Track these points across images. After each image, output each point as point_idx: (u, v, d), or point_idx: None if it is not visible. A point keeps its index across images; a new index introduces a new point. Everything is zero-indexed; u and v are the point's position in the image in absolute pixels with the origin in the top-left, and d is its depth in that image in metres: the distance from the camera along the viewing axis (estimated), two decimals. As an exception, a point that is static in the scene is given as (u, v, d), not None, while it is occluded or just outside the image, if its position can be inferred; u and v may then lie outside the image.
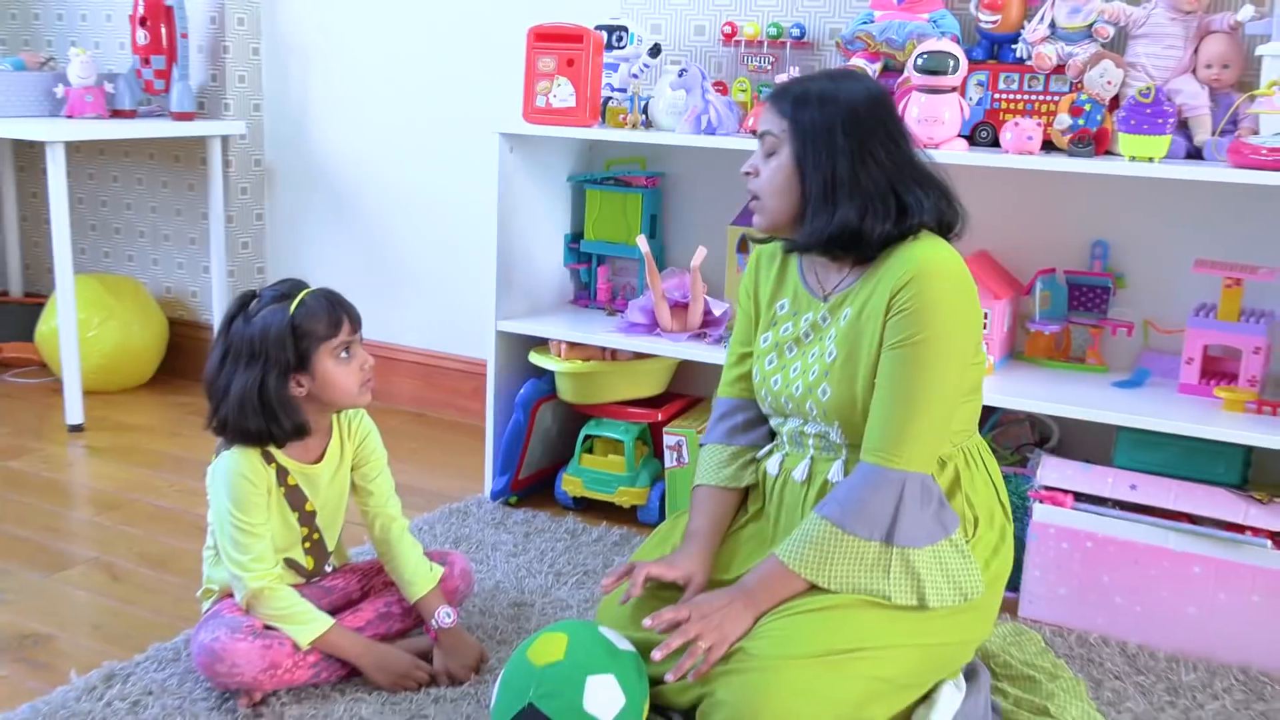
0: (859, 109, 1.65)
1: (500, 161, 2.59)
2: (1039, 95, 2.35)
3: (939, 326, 1.61)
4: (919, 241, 1.66)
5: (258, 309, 1.83)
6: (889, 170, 1.65)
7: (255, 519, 1.83)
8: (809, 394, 1.73)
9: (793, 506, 1.77)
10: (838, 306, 1.72)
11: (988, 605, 1.73)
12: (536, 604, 2.19)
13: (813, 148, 1.65)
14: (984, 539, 1.72)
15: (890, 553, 1.62)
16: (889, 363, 1.63)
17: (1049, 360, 2.46)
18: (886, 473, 1.62)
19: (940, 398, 1.62)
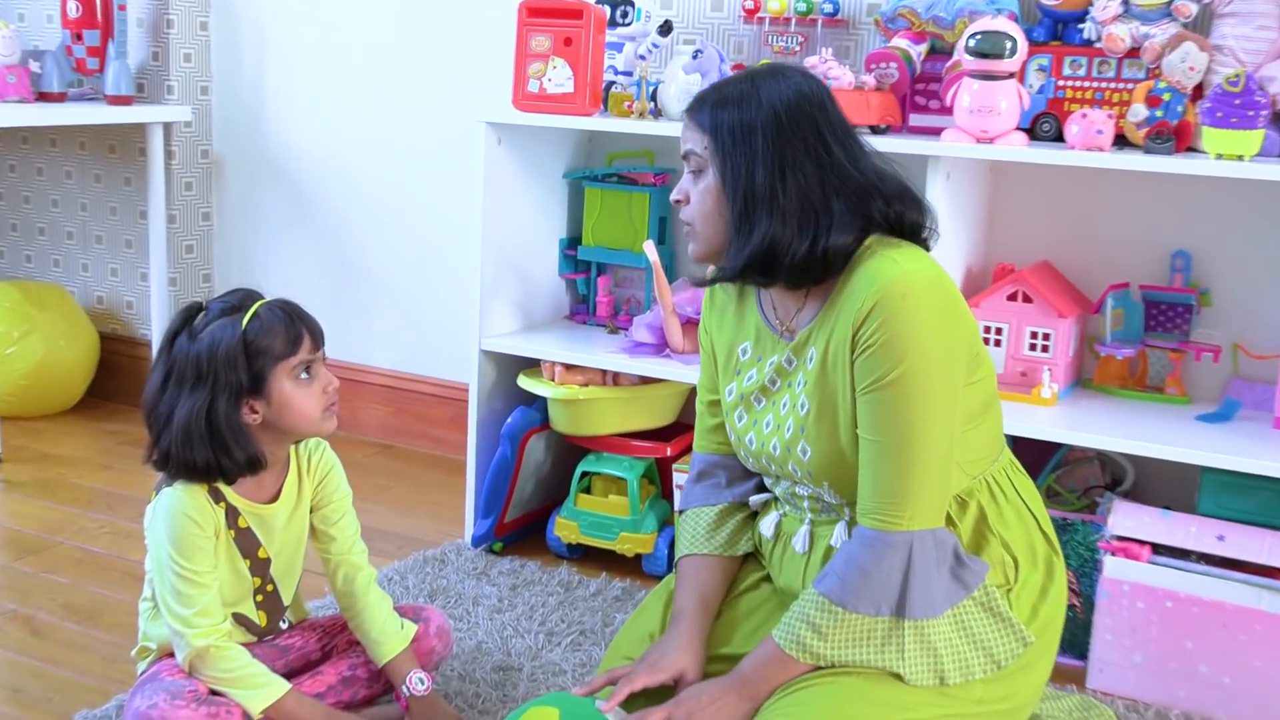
0: (782, 112, 1.64)
1: (486, 155, 2.60)
2: (1110, 83, 2.36)
3: (916, 356, 1.58)
4: (876, 255, 1.63)
5: (204, 324, 1.83)
6: (817, 179, 1.63)
7: (201, 566, 1.83)
8: (788, 455, 1.72)
9: (793, 577, 1.77)
10: (802, 346, 1.70)
11: (1038, 659, 1.71)
12: (525, 668, 2.17)
13: (731, 160, 1.65)
14: (1028, 582, 1.70)
15: (902, 628, 1.61)
16: (867, 408, 1.61)
17: (1122, 389, 2.45)
18: (889, 537, 1.60)
19: (936, 439, 1.60)
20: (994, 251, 2.58)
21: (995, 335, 2.39)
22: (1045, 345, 2.37)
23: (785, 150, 1.63)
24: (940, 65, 2.48)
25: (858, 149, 1.69)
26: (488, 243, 2.64)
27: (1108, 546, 2.18)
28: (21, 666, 2.17)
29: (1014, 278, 2.40)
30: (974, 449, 1.71)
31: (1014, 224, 2.58)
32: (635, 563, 2.65)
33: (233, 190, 3.60)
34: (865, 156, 1.69)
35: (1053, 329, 2.36)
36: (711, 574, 1.84)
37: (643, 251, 2.65)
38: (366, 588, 1.97)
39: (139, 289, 3.66)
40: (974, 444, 1.70)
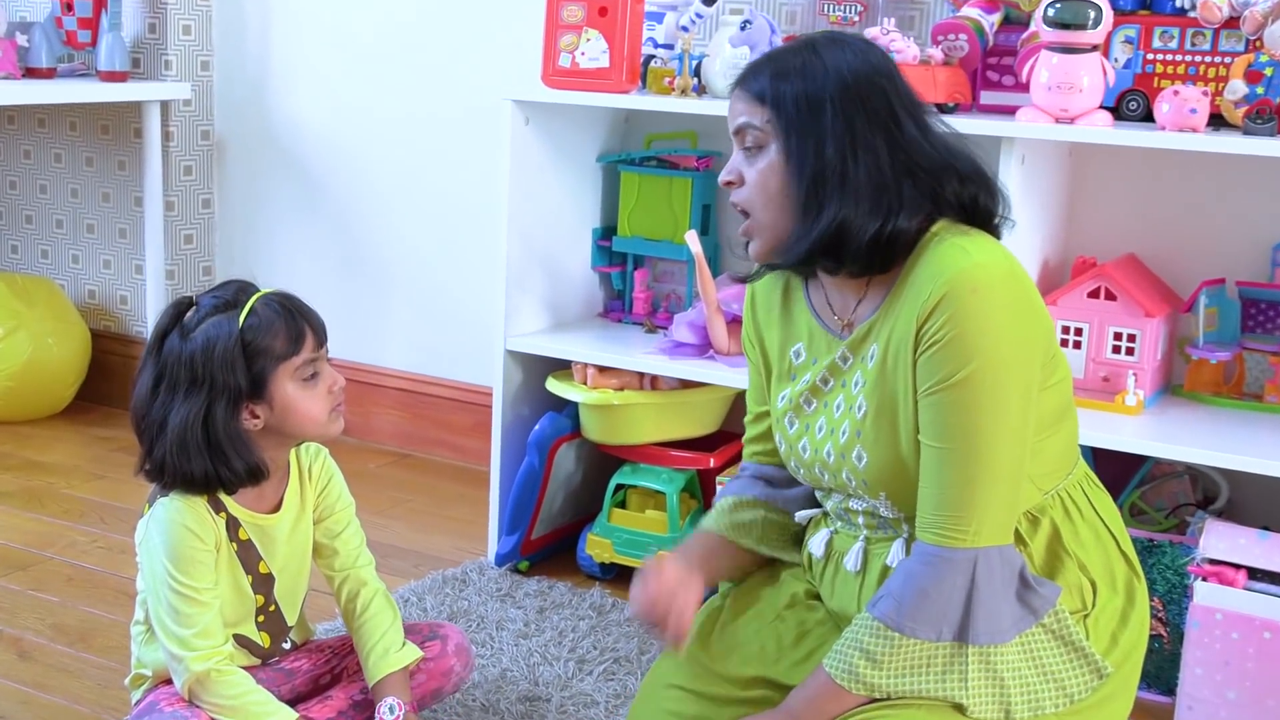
0: (851, 82, 1.64)
1: (513, 137, 2.62)
2: (1206, 56, 2.35)
3: (988, 355, 1.57)
4: (944, 243, 1.63)
5: (197, 321, 1.85)
6: (888, 156, 1.63)
7: (201, 582, 1.85)
8: (843, 462, 1.71)
9: (846, 599, 1.77)
10: (861, 342, 1.70)
11: (1120, 689, 1.71)
12: (554, 698, 2.19)
13: (797, 136, 1.64)
14: (1107, 607, 1.70)
15: (965, 655, 1.60)
16: (931, 411, 1.61)
17: (1216, 397, 2.44)
18: (951, 554, 1.59)
19: (1007, 447, 1.59)
20: (1073, 243, 2.57)
21: (1074, 336, 2.39)
22: (1130, 348, 2.36)
23: (856, 124, 1.63)
24: (1015, 37, 2.47)
25: (929, 124, 1.69)
26: (513, 233, 2.66)
27: (1199, 571, 2.17)
28: (8, 692, 2.20)
29: (1096, 272, 2.39)
30: (1048, 461, 1.70)
31: (1096, 213, 2.57)
32: (675, 585, 2.66)
33: (235, 175, 3.63)
34: (936, 132, 1.70)
35: (1139, 329, 2.35)
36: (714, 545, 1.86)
37: (684, 242, 2.66)
38: (370, 602, 1.99)
39: (134, 282, 3.70)
40: (1048, 455, 1.70)
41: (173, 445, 1.82)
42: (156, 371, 1.84)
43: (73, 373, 3.59)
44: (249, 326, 1.83)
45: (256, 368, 1.83)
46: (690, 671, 1.84)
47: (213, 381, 1.81)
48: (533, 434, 2.68)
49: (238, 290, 1.87)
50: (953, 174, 1.67)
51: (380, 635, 1.97)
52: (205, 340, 1.82)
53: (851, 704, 1.63)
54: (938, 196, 1.66)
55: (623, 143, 2.93)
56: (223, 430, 1.82)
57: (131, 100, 3.45)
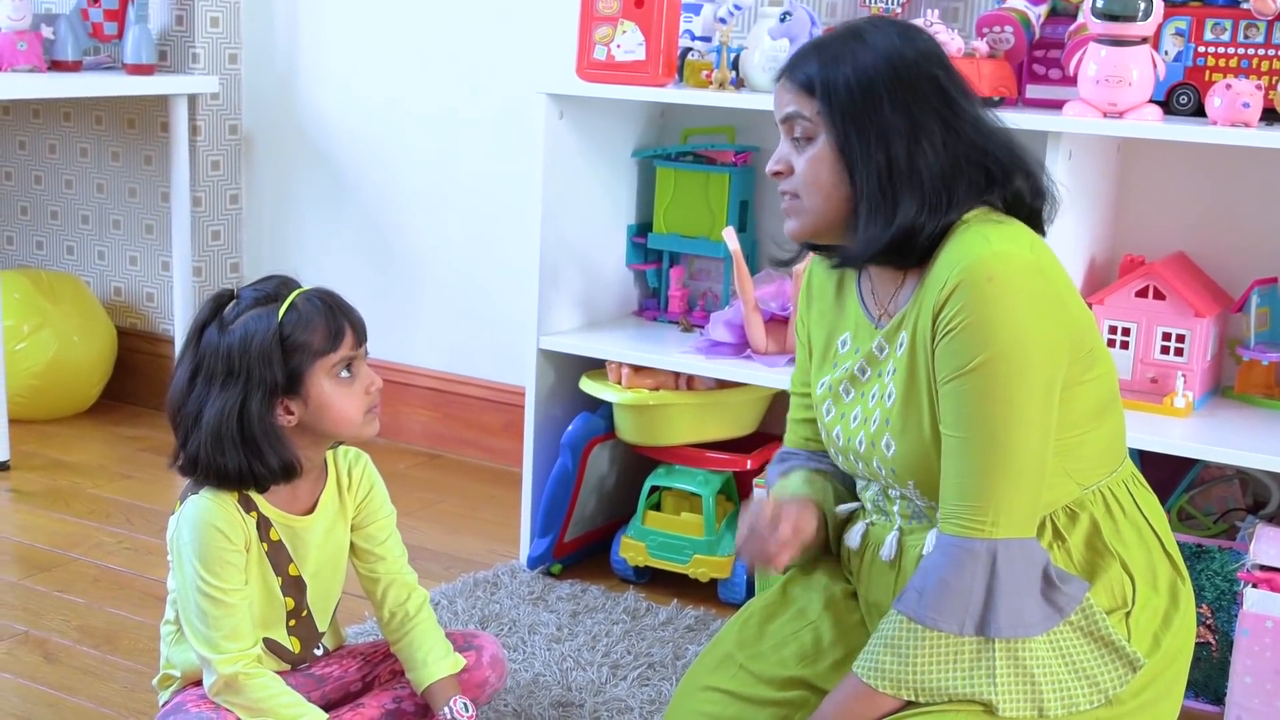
0: (901, 67, 1.64)
1: (547, 131, 2.63)
2: (1259, 49, 2.35)
3: (1004, 344, 1.58)
4: (969, 230, 1.64)
5: (236, 314, 1.87)
6: (949, 145, 1.64)
7: (230, 583, 1.87)
8: (873, 450, 1.73)
9: (882, 590, 1.78)
10: (895, 330, 1.72)
11: (1164, 693, 1.71)
12: (587, 704, 2.21)
13: (855, 128, 1.65)
14: (1148, 606, 1.70)
15: (993, 649, 1.61)
16: (949, 400, 1.62)
17: (1267, 399, 2.44)
18: (969, 544, 1.61)
19: (1026, 437, 1.60)
20: (1122, 241, 2.57)
21: (1122, 336, 2.39)
22: (1179, 348, 2.36)
23: (914, 113, 1.63)
24: (1062, 29, 2.47)
25: (981, 111, 1.70)
26: (547, 229, 2.68)
27: (1249, 577, 2.17)
28: (33, 694, 2.23)
29: (1144, 271, 2.39)
30: (1088, 456, 1.70)
31: (1145, 210, 2.57)
32: (710, 589, 2.67)
33: (264, 170, 3.66)
34: (989, 121, 1.70)
35: (1188, 329, 2.35)
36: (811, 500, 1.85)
37: (721, 240, 2.67)
38: (419, 608, 2.01)
39: (160, 279, 3.73)
40: (1089, 450, 1.70)
41: (207, 439, 1.84)
42: (194, 363, 1.87)
43: (98, 371, 3.63)
44: (288, 321, 1.85)
45: (293, 363, 1.85)
46: (727, 673, 1.86)
47: (249, 375, 1.83)
48: (566, 435, 2.69)
49: (279, 285, 1.90)
50: (1013, 167, 1.68)
51: (432, 642, 1.99)
52: (244, 333, 1.84)
53: (883, 709, 1.64)
54: (990, 189, 1.67)
55: (659, 137, 2.94)
56: (257, 425, 1.84)
57: (158, 94, 3.48)
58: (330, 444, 1.97)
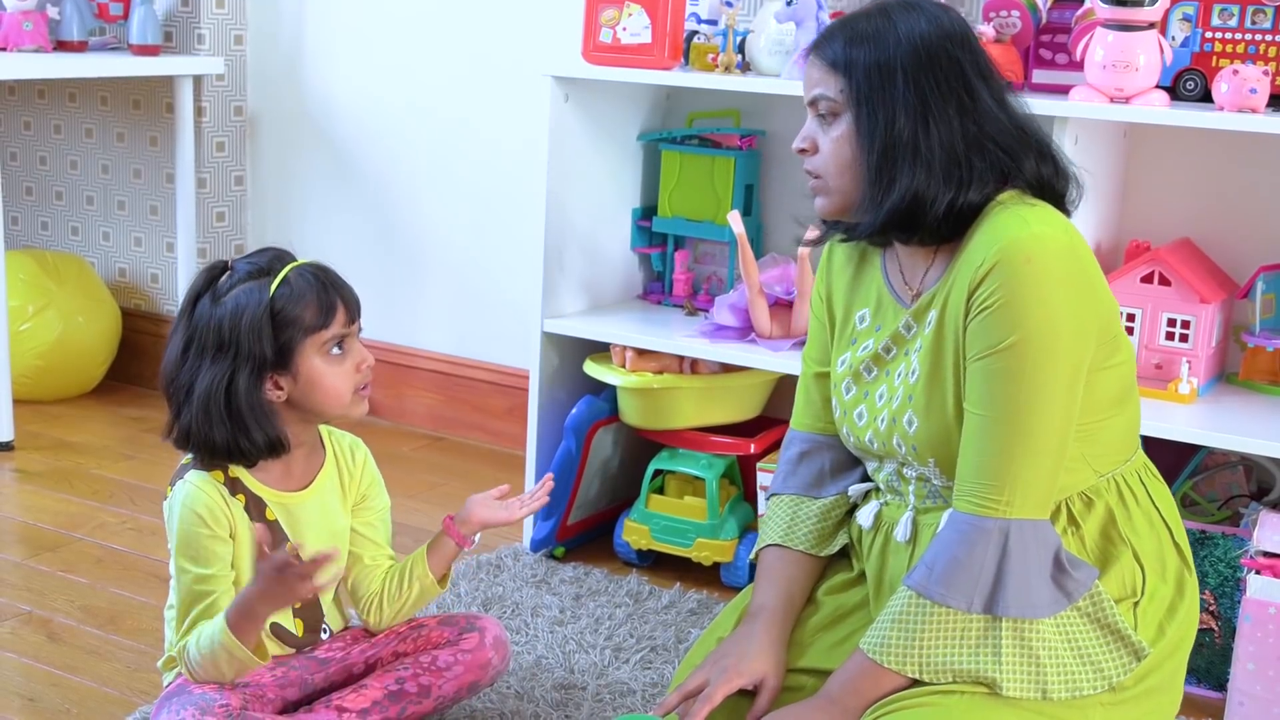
0: (923, 50, 1.66)
1: (552, 114, 2.63)
2: (1267, 35, 2.34)
3: (1036, 325, 1.59)
4: (1006, 211, 1.65)
5: (229, 286, 1.87)
6: (960, 126, 1.65)
7: (208, 569, 1.87)
8: (894, 427, 1.74)
9: (896, 576, 1.78)
10: (924, 310, 1.73)
11: (1167, 682, 1.72)
12: (589, 687, 2.21)
13: (867, 106, 1.66)
14: (1156, 596, 1.71)
15: (999, 627, 1.62)
16: (976, 378, 1.63)
17: (1272, 385, 2.44)
18: (983, 522, 1.62)
19: (1049, 420, 1.61)
20: (1127, 227, 2.57)
21: (1127, 322, 2.38)
22: (1184, 334, 2.36)
23: (928, 94, 1.65)
24: (1069, 14, 2.47)
25: (1003, 94, 1.71)
26: (552, 212, 2.68)
27: (1252, 563, 2.17)
28: (37, 674, 2.23)
29: (1149, 257, 2.39)
30: (1105, 443, 1.71)
31: (1151, 196, 2.57)
32: (713, 572, 2.68)
33: (269, 151, 3.66)
34: (1011, 104, 1.71)
35: (1193, 316, 2.35)
36: (800, 571, 1.87)
37: (726, 223, 2.67)
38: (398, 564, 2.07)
39: (165, 260, 3.74)
40: (1106, 438, 1.71)
41: (198, 411, 1.84)
42: (187, 335, 1.87)
43: (103, 352, 3.63)
44: (280, 295, 1.85)
45: (284, 338, 1.85)
46: None
47: (238, 348, 1.83)
48: (570, 418, 2.70)
49: (273, 258, 1.90)
50: (1026, 149, 1.69)
51: None
52: (235, 306, 1.84)
53: (889, 687, 1.65)
54: (1009, 170, 1.68)
55: (664, 121, 2.94)
56: (244, 399, 1.84)
57: (163, 75, 3.49)
58: (320, 423, 1.97)
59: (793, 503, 1.91)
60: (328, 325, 1.87)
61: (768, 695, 1.76)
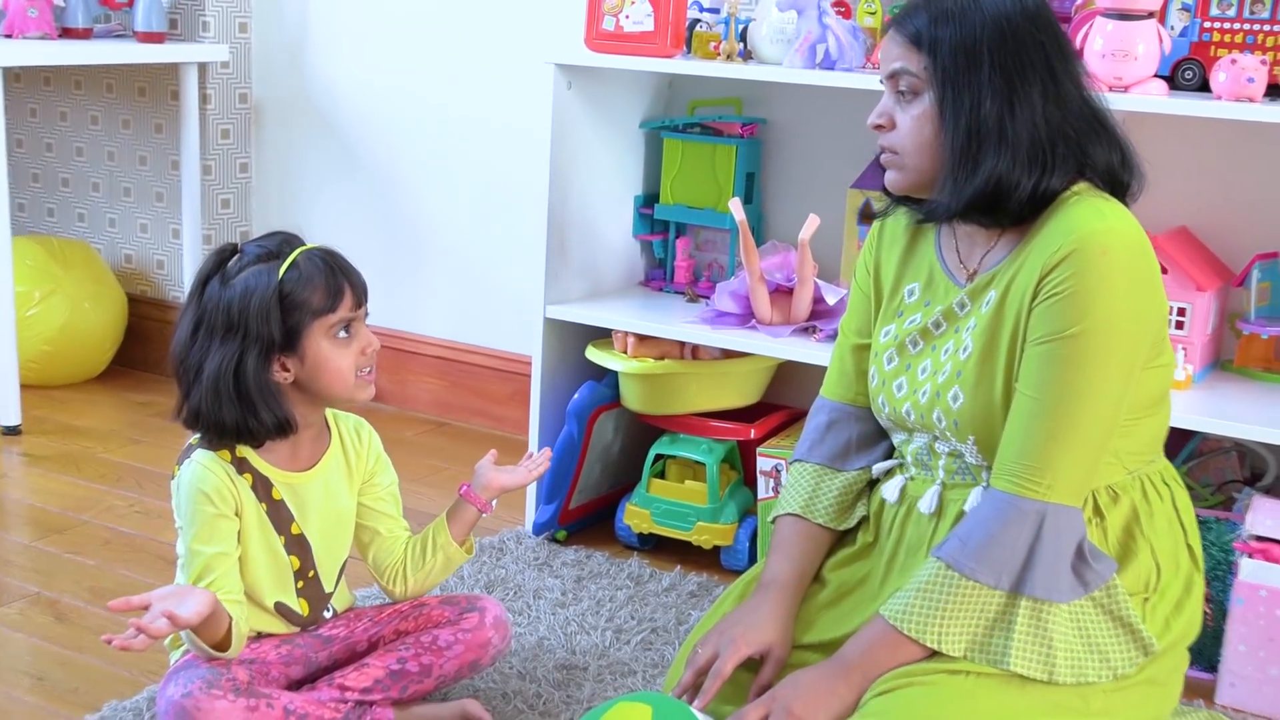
0: (1008, 30, 1.66)
1: (555, 101, 2.64)
2: (1265, 25, 2.35)
3: (1102, 317, 1.61)
4: (1084, 203, 1.67)
5: (238, 269, 1.89)
6: (1043, 111, 1.66)
7: (212, 545, 1.89)
8: (936, 401, 1.75)
9: (916, 545, 1.80)
10: (982, 289, 1.74)
11: (1167, 675, 1.74)
12: (590, 667, 2.23)
13: (953, 87, 1.67)
14: (1167, 593, 1.73)
15: (1017, 607, 1.64)
16: (1034, 361, 1.65)
17: (1266, 373, 2.45)
18: (1022, 503, 1.64)
19: (1099, 411, 1.64)
20: (1124, 215, 2.58)
21: (1124, 309, 2.40)
22: (1180, 321, 2.37)
23: (1013, 76, 1.65)
24: (1069, 3, 2.47)
25: (1081, 77, 1.72)
26: (554, 199, 2.69)
27: (1244, 547, 2.19)
28: (46, 653, 2.26)
29: (1147, 244, 2.40)
30: (1138, 441, 1.73)
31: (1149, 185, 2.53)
32: (713, 556, 2.70)
33: (273, 139, 3.67)
34: (1087, 88, 1.72)
35: (1189, 303, 2.36)
36: (814, 546, 1.89)
37: (727, 211, 2.68)
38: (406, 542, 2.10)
39: (170, 247, 3.75)
40: (1139, 436, 1.73)
41: (207, 391, 1.86)
42: (196, 317, 1.89)
43: (109, 337, 3.65)
44: (288, 279, 1.87)
45: (291, 321, 1.87)
46: None
47: (246, 330, 1.85)
48: (572, 403, 2.71)
49: (282, 242, 1.92)
50: (1101, 136, 1.70)
51: None
52: (244, 289, 1.86)
53: (906, 656, 1.66)
54: (1086, 157, 1.69)
55: (666, 108, 2.95)
56: (253, 381, 1.86)
57: (168, 62, 3.49)
58: (326, 404, 1.99)
59: (816, 473, 1.91)
60: (335, 309, 1.89)
61: (773, 665, 1.78)
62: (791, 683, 1.69)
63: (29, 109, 3.93)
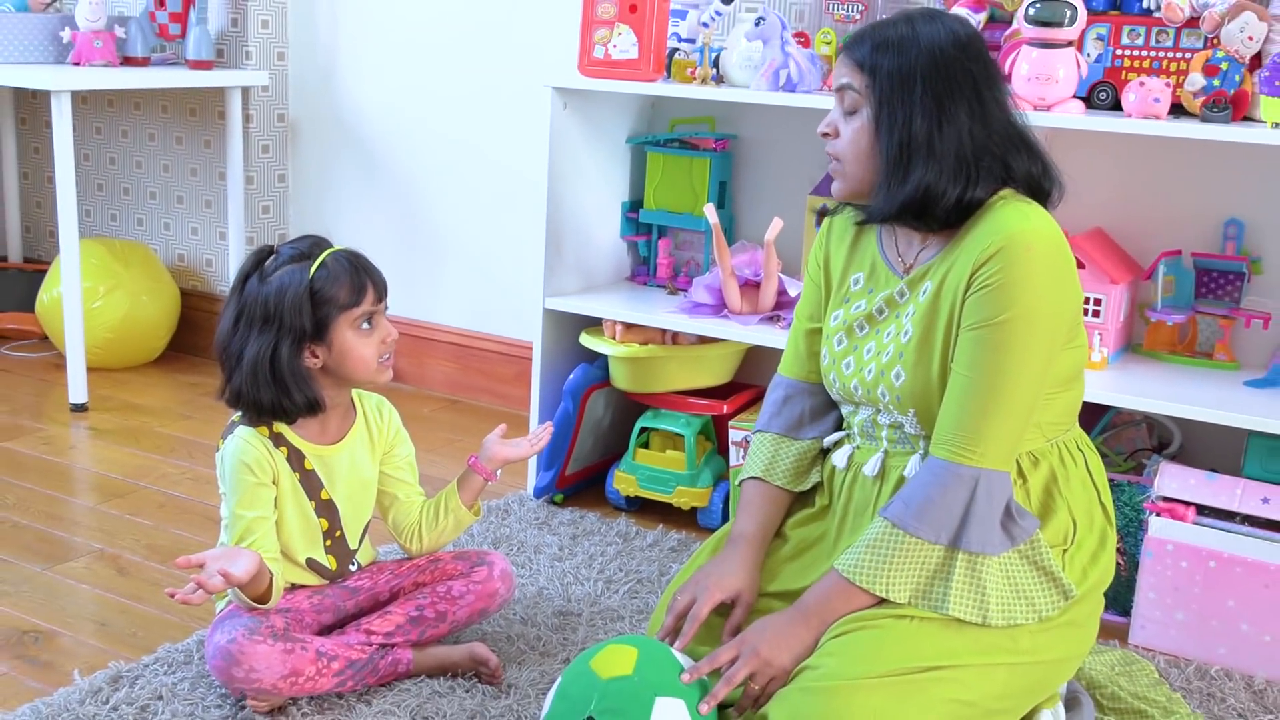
0: (940, 59, 1.66)
1: (552, 119, 2.62)
2: (1168, 52, 2.34)
3: (1026, 306, 1.61)
4: (1009, 206, 1.66)
5: (274, 267, 1.88)
6: (969, 130, 1.66)
7: (252, 510, 1.88)
8: (881, 378, 1.75)
9: (863, 506, 1.79)
10: (918, 280, 1.73)
11: (1086, 618, 1.74)
12: (584, 613, 2.22)
13: (888, 106, 1.67)
14: (1083, 545, 1.73)
15: (955, 558, 1.63)
16: (967, 345, 1.64)
17: (1171, 355, 2.44)
18: (958, 469, 1.63)
19: (1024, 387, 1.63)
20: (1048, 218, 2.57)
21: (1047, 300, 2.39)
22: (1097, 310, 2.36)
23: (943, 99, 1.65)
24: (999, 34, 2.46)
25: (1007, 100, 1.71)
26: (552, 205, 2.67)
27: (1153, 507, 2.18)
28: (109, 602, 2.24)
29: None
30: (1056, 412, 1.73)
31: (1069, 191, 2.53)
32: (690, 516, 2.69)
33: (307, 153, 3.65)
34: (1011, 109, 1.71)
35: (1104, 294, 2.35)
36: (774, 505, 1.88)
37: (703, 215, 2.67)
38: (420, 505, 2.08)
39: (218, 247, 3.73)
40: (1056, 408, 1.73)
41: (247, 376, 1.86)
42: (238, 309, 1.88)
43: (164, 326, 3.62)
44: (318, 277, 1.86)
45: (321, 314, 1.86)
46: None
47: (281, 322, 1.85)
48: (567, 383, 2.70)
49: (312, 244, 1.91)
50: (1022, 151, 1.69)
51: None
52: (279, 285, 1.85)
53: (857, 604, 1.66)
54: (1009, 169, 1.68)
55: (649, 126, 2.93)
56: (287, 366, 1.85)
57: (216, 86, 3.47)
58: (350, 386, 1.98)
59: (775, 441, 1.91)
60: (359, 303, 1.88)
61: (742, 609, 1.78)
62: (758, 628, 1.69)
63: (94, 127, 3.89)
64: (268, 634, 1.84)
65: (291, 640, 1.84)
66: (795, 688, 1.60)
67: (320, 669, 1.86)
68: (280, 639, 1.84)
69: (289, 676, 1.83)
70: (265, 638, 1.83)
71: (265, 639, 1.83)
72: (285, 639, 1.84)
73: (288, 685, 1.83)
